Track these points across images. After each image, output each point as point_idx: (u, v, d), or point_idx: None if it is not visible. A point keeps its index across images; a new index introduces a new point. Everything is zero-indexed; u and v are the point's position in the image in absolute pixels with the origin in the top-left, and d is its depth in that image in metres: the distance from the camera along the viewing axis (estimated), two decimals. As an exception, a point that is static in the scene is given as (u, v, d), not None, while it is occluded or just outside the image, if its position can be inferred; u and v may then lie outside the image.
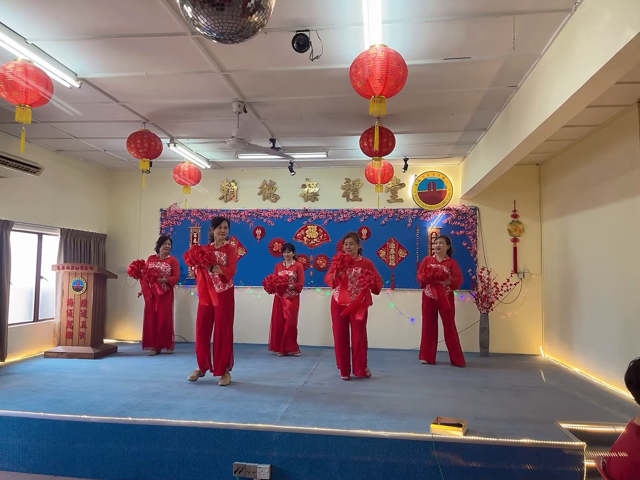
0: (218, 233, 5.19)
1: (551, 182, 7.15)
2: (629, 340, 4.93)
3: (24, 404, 4.15)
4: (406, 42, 3.79)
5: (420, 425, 3.70)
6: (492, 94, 4.86)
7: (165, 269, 6.96)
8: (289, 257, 6.99)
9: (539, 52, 3.95)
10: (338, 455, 3.49)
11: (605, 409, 4.36)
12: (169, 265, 7.01)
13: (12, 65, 3.69)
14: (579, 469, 3.31)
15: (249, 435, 3.59)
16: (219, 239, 5.21)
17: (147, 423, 3.73)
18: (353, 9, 3.33)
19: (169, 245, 7.11)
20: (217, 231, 5.19)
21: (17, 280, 6.61)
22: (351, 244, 5.51)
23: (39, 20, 3.54)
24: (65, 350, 6.58)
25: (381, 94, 3.39)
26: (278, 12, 3.25)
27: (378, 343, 7.54)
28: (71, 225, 7.49)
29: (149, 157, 5.57)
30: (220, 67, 4.30)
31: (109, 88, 4.81)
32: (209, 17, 2.24)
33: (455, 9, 3.35)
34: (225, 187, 8.33)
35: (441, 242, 6.44)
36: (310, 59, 3.80)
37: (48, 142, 6.77)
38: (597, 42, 3.04)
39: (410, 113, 5.43)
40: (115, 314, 8.33)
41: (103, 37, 3.79)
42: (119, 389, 4.80)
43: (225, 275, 5.04)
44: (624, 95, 4.60)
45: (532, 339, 7.44)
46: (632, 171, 4.90)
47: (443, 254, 6.42)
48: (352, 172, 8.03)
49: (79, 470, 3.71)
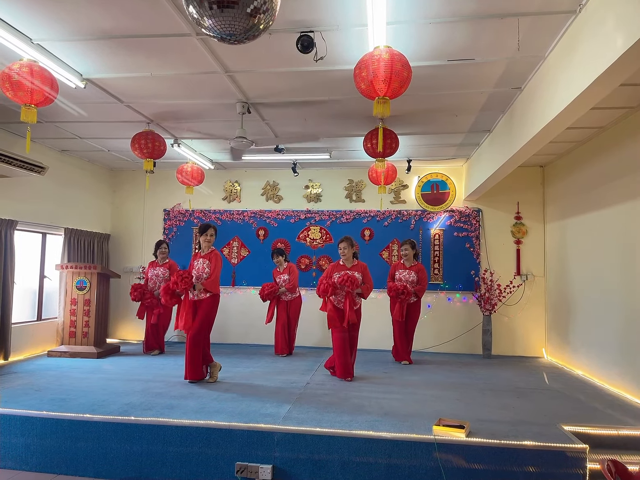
0: (204, 240, 5.25)
1: (555, 184, 7.13)
2: (631, 343, 4.91)
3: (27, 403, 4.16)
4: (410, 43, 3.79)
5: (423, 426, 3.69)
6: (496, 96, 4.86)
7: (163, 274, 6.96)
8: (280, 262, 7.03)
9: (543, 54, 3.95)
10: (340, 456, 3.49)
11: (608, 411, 4.34)
12: (167, 270, 6.99)
13: (18, 65, 3.72)
14: (582, 472, 3.30)
15: (251, 436, 3.59)
16: (205, 246, 5.27)
17: (150, 423, 3.74)
18: (357, 10, 3.33)
19: (165, 249, 7.07)
20: (203, 238, 5.25)
21: (21, 280, 6.64)
22: (345, 248, 5.54)
23: (45, 21, 3.55)
24: (69, 350, 6.60)
25: (385, 95, 3.40)
26: (283, 13, 3.26)
27: (378, 344, 7.55)
28: (75, 225, 7.51)
29: (153, 157, 5.59)
30: (225, 67, 4.31)
31: (114, 88, 4.83)
32: (214, 18, 2.25)
33: (460, 10, 3.35)
34: (229, 188, 8.34)
35: (406, 249, 6.54)
36: (315, 60, 3.81)
37: (53, 142, 6.79)
38: (601, 43, 3.04)
39: (414, 114, 5.44)
40: (119, 313, 8.36)
41: (108, 38, 3.80)
42: (121, 388, 4.81)
43: (208, 289, 5.10)
44: (628, 98, 4.59)
45: (535, 341, 7.42)
46: (636, 173, 4.89)
47: (410, 259, 6.55)
48: (355, 173, 8.03)
49: (82, 470, 3.72)
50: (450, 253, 7.69)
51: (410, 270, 6.48)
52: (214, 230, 5.31)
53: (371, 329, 7.43)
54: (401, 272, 6.53)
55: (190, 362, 5.05)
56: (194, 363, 5.05)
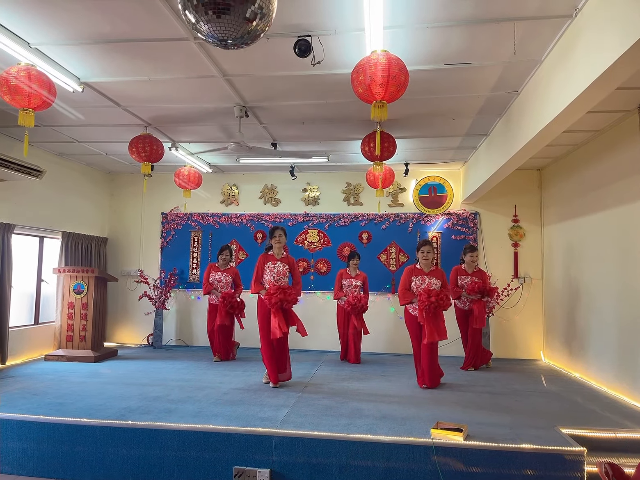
0: (275, 242, 5.23)
1: (552, 187, 7.16)
2: (629, 346, 4.92)
3: (24, 407, 4.15)
4: (407, 47, 3.81)
5: (421, 430, 3.69)
6: (492, 99, 4.88)
7: (226, 280, 6.82)
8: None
9: (539, 58, 3.97)
10: (338, 460, 3.48)
11: (605, 414, 4.35)
12: (229, 276, 6.85)
13: (16, 70, 3.72)
14: (580, 475, 3.30)
15: (249, 440, 3.58)
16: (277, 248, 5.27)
17: (147, 427, 3.72)
18: (355, 15, 3.35)
19: (227, 255, 6.87)
20: (273, 241, 5.23)
21: (18, 284, 6.62)
22: (429, 252, 5.27)
23: (43, 25, 3.56)
24: (66, 354, 6.58)
25: (382, 99, 3.41)
26: (280, 17, 3.27)
27: (378, 347, 7.55)
28: (72, 228, 7.50)
29: (150, 161, 5.59)
30: (222, 72, 4.32)
31: (112, 92, 4.84)
32: (211, 24, 2.26)
33: (457, 15, 3.37)
34: (227, 191, 8.34)
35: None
36: (312, 64, 3.82)
37: (50, 145, 6.79)
38: (597, 47, 3.06)
39: (411, 118, 5.45)
40: (116, 317, 8.33)
41: (106, 42, 3.81)
42: (119, 392, 4.79)
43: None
44: (625, 101, 4.61)
45: (533, 343, 7.43)
46: (632, 176, 4.91)
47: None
48: (353, 176, 8.04)
49: (79, 474, 3.71)
50: (448, 256, 7.69)
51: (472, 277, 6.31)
52: (282, 231, 5.27)
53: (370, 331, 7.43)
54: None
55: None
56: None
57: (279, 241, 5.22)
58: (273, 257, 5.26)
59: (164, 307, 7.88)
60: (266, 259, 5.25)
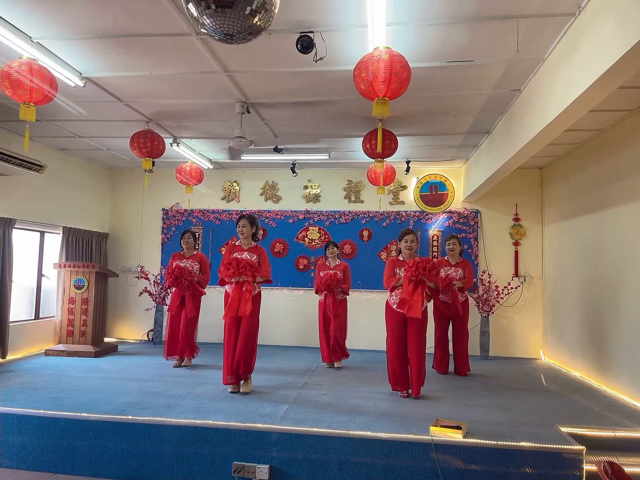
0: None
1: (553, 186, 7.15)
2: (628, 345, 4.92)
3: (24, 402, 4.16)
4: (410, 44, 3.80)
5: (420, 427, 3.70)
6: (495, 97, 4.87)
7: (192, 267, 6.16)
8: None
9: (542, 56, 3.95)
10: (337, 456, 3.49)
11: (605, 413, 4.35)
12: (196, 263, 6.20)
13: (17, 64, 3.71)
14: (578, 473, 3.31)
15: (249, 435, 3.59)
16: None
17: (147, 422, 3.73)
18: (357, 11, 3.34)
19: (189, 238, 6.23)
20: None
21: (19, 278, 6.63)
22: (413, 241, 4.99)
23: (45, 19, 3.55)
24: (66, 349, 6.59)
25: (384, 96, 3.40)
26: (282, 13, 3.26)
27: (377, 345, 7.54)
28: (73, 223, 7.51)
29: (151, 156, 5.58)
30: (224, 67, 4.31)
31: (113, 87, 4.83)
32: (213, 18, 2.25)
33: (459, 12, 3.36)
34: (228, 188, 8.34)
35: (454, 243, 6.08)
36: (314, 60, 3.81)
37: (52, 140, 6.79)
38: (600, 46, 3.05)
39: (413, 115, 5.44)
40: (116, 312, 8.34)
41: (108, 37, 3.80)
42: (119, 387, 4.80)
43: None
44: (627, 100, 4.60)
45: (533, 342, 7.43)
46: (634, 176, 4.90)
47: (456, 256, 6.12)
48: (354, 173, 8.03)
49: (78, 469, 3.71)
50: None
51: (456, 268, 6.02)
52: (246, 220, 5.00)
53: (369, 329, 7.44)
54: (446, 269, 6.01)
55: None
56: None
57: (242, 231, 4.99)
58: (240, 247, 5.02)
59: (164, 303, 7.87)
60: (233, 249, 5.01)
